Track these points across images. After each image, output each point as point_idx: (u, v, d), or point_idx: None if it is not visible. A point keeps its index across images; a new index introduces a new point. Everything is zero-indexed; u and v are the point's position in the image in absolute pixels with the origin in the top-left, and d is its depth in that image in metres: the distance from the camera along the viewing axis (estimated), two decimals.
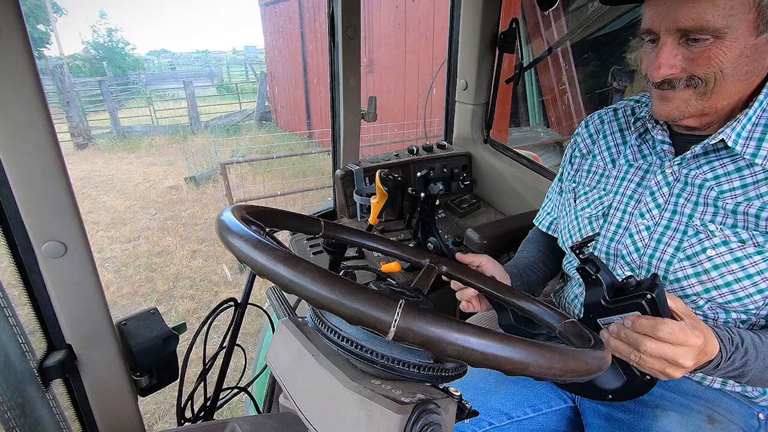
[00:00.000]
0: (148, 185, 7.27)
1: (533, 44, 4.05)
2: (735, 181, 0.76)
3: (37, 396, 0.75)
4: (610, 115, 0.99)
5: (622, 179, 0.90)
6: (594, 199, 0.94)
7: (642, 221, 0.85)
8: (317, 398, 0.46)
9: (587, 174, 0.99)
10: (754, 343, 0.69)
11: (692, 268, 0.78)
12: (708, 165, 0.79)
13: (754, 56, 0.67)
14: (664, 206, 0.83)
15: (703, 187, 0.79)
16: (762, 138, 0.74)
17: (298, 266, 0.35)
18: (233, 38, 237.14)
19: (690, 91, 0.71)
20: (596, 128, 1.01)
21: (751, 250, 0.73)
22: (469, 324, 0.34)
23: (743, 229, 0.74)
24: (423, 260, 0.76)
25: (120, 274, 4.46)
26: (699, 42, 0.66)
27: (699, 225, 0.78)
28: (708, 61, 0.67)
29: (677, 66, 0.70)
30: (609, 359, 0.45)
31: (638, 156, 0.89)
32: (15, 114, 0.62)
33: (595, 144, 1.00)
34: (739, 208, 0.74)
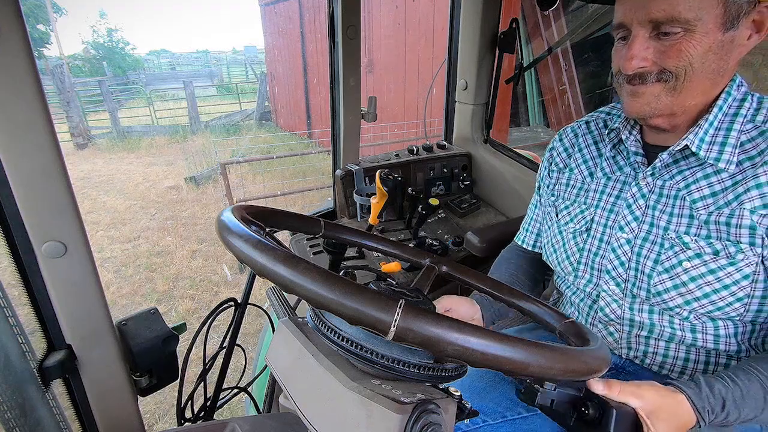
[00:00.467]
0: (148, 185, 7.27)
1: (533, 44, 4.05)
2: (704, 189, 0.76)
3: (37, 396, 0.75)
4: (583, 128, 0.99)
5: (602, 192, 0.90)
6: (576, 214, 0.94)
7: (622, 235, 0.85)
8: (317, 398, 0.46)
9: (566, 188, 0.98)
10: (735, 401, 0.66)
11: (671, 281, 0.78)
12: (680, 174, 0.79)
13: (721, 53, 0.69)
14: (642, 218, 0.83)
15: (678, 198, 0.79)
16: (724, 142, 0.74)
17: (298, 266, 0.35)
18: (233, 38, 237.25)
19: (660, 86, 0.72)
20: (570, 141, 1.01)
21: (724, 261, 0.73)
22: (469, 324, 0.34)
23: (717, 239, 0.74)
24: (423, 260, 0.76)
25: (120, 274, 4.46)
26: (670, 35, 0.68)
27: (674, 237, 0.78)
28: (679, 54, 0.68)
29: (648, 59, 0.71)
30: (609, 359, 0.45)
31: (614, 168, 0.90)
32: (15, 114, 0.62)
33: (570, 157, 1.00)
34: (711, 217, 0.74)
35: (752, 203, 0.71)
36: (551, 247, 0.99)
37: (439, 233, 1.61)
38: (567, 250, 0.94)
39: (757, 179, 0.71)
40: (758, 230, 0.70)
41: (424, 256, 0.77)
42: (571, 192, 0.97)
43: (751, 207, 0.71)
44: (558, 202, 0.99)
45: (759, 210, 0.70)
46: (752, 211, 0.70)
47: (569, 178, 0.98)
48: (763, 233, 0.70)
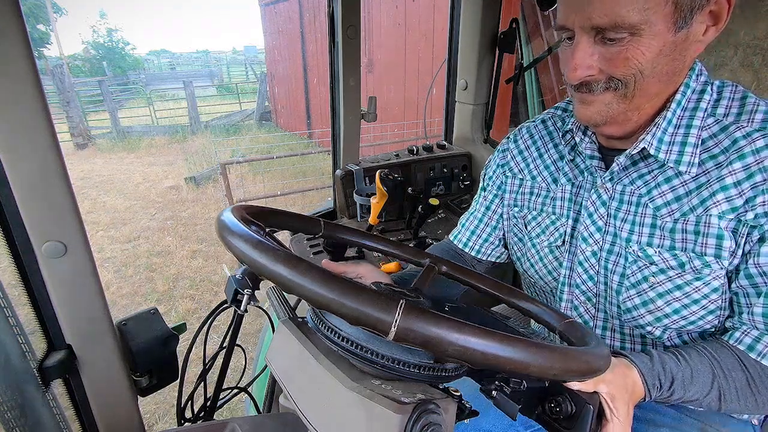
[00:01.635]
0: (148, 185, 7.27)
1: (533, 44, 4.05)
2: (668, 193, 0.70)
3: (37, 396, 0.75)
4: (539, 128, 0.91)
5: (569, 201, 0.83)
6: (547, 225, 0.86)
7: (587, 247, 0.79)
8: (317, 398, 0.46)
9: (530, 196, 0.90)
10: (683, 380, 0.64)
11: (638, 297, 0.74)
12: (641, 179, 0.73)
13: (674, 54, 0.62)
14: (605, 228, 0.77)
15: (640, 205, 0.73)
16: (684, 141, 0.68)
17: (298, 267, 0.35)
18: (233, 38, 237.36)
19: (610, 94, 0.66)
20: (526, 143, 0.92)
21: (690, 276, 0.68)
22: (470, 324, 0.34)
23: (681, 250, 0.69)
24: (422, 260, 0.76)
25: (120, 274, 4.46)
26: (615, 41, 0.61)
27: (637, 250, 0.73)
28: (626, 62, 0.61)
29: (594, 66, 0.64)
30: (610, 359, 0.45)
31: (576, 172, 0.82)
32: (15, 114, 0.62)
33: (527, 163, 0.91)
34: (678, 225, 0.69)
35: (719, 208, 0.65)
36: (527, 261, 0.92)
37: (439, 233, 1.61)
38: (547, 265, 0.87)
39: (723, 181, 0.65)
40: (725, 241, 0.65)
41: (423, 256, 0.77)
42: (536, 201, 0.88)
43: (718, 212, 0.65)
44: (524, 212, 0.91)
45: (727, 215, 0.65)
46: (720, 217, 0.65)
47: (533, 186, 0.89)
48: (730, 244, 0.65)
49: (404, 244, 0.80)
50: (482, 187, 1.02)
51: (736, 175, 0.64)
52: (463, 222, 1.04)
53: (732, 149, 0.65)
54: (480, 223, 1.00)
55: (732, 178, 0.64)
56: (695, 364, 0.65)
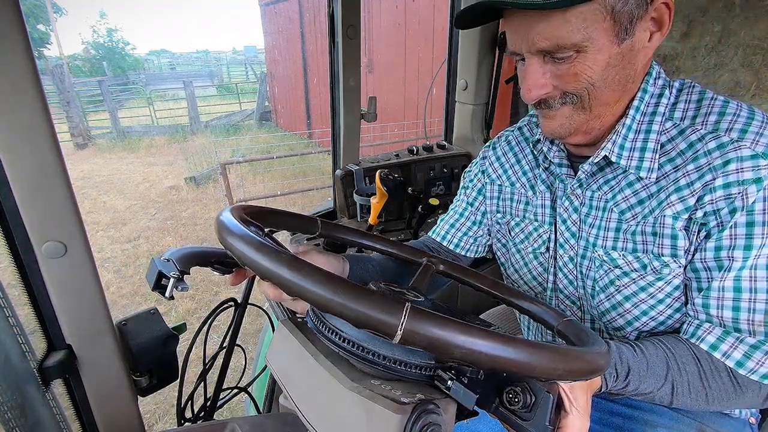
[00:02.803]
0: (148, 185, 7.27)
1: None
2: (631, 198, 0.71)
3: (37, 396, 0.75)
4: (516, 135, 0.93)
5: (550, 208, 0.84)
6: (530, 231, 0.87)
7: (564, 253, 0.81)
8: (317, 399, 0.46)
9: (511, 203, 0.91)
10: (639, 372, 0.64)
11: (608, 301, 0.76)
12: (606, 184, 0.74)
13: (623, 64, 0.63)
14: (578, 234, 0.79)
15: (606, 210, 0.74)
16: (643, 147, 0.69)
17: (301, 269, 0.35)
18: (233, 38, 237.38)
19: (568, 108, 0.67)
20: (503, 150, 0.93)
21: (651, 277, 0.70)
22: (475, 326, 0.34)
23: (642, 252, 0.70)
24: (420, 259, 0.76)
25: (120, 274, 4.46)
26: (563, 60, 0.62)
27: (602, 254, 0.75)
28: (576, 77, 0.63)
29: (548, 84, 0.66)
30: (611, 357, 0.46)
31: (552, 179, 0.84)
32: (15, 114, 0.62)
33: (505, 169, 0.92)
34: (638, 227, 0.70)
35: (673, 209, 0.66)
36: (511, 267, 0.94)
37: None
38: (532, 271, 0.89)
39: (677, 182, 0.66)
40: (679, 240, 0.66)
41: (421, 255, 0.77)
42: (518, 208, 0.90)
43: (672, 213, 0.66)
44: (507, 218, 0.92)
45: (681, 215, 0.66)
46: (674, 218, 0.66)
47: (512, 192, 0.91)
48: (685, 243, 0.66)
49: (401, 242, 0.80)
50: (463, 186, 1.03)
51: (690, 176, 0.65)
52: (443, 218, 1.05)
53: (688, 152, 0.66)
54: (460, 218, 1.00)
55: (686, 179, 0.65)
56: (651, 356, 0.66)
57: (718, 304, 0.65)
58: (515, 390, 0.43)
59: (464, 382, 0.42)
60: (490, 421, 0.90)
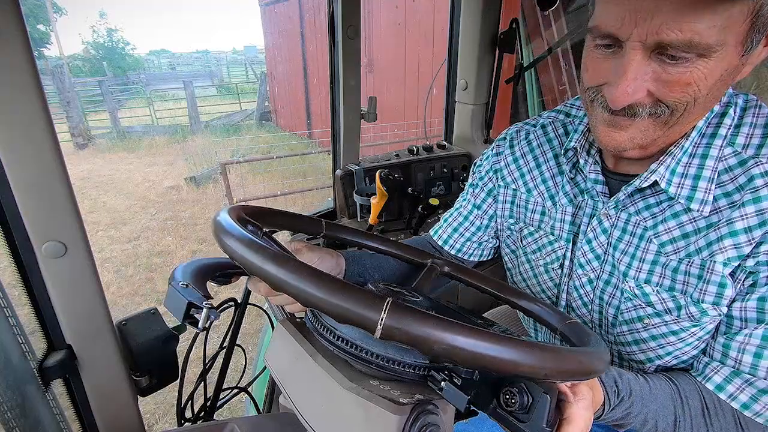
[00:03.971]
0: (148, 185, 7.27)
1: (533, 44, 4.05)
2: (675, 230, 0.63)
3: (37, 396, 0.75)
4: (539, 134, 0.82)
5: (570, 223, 0.76)
6: (544, 244, 0.81)
7: (583, 273, 0.74)
8: (315, 399, 0.46)
9: (526, 211, 0.84)
10: (642, 395, 0.61)
11: (630, 335, 0.71)
12: (647, 210, 0.66)
13: (731, 79, 0.54)
14: (604, 257, 0.71)
15: (644, 239, 0.66)
16: (698, 175, 0.61)
17: (286, 264, 0.35)
18: (233, 38, 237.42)
19: (650, 120, 0.56)
20: (522, 151, 0.84)
21: (687, 323, 0.64)
22: (457, 322, 0.34)
23: (681, 293, 0.63)
24: (424, 261, 0.76)
25: (120, 274, 4.46)
26: (678, 61, 0.50)
27: (633, 286, 0.68)
28: (686, 87, 0.52)
29: (644, 88, 0.53)
30: (608, 360, 0.45)
31: (576, 191, 0.75)
32: (15, 114, 0.62)
33: (522, 173, 0.83)
34: (681, 266, 0.63)
35: (724, 254, 0.58)
36: (519, 275, 0.88)
37: None
38: (542, 284, 0.84)
39: (732, 225, 0.58)
40: (727, 289, 0.59)
41: (425, 257, 0.77)
42: (533, 217, 0.82)
43: (723, 259, 0.59)
44: (520, 225, 0.85)
45: (732, 262, 0.58)
46: (725, 264, 0.59)
47: (527, 199, 0.83)
48: (732, 292, 0.59)
49: (406, 244, 0.80)
50: (472, 183, 0.95)
51: (748, 219, 0.57)
52: (446, 218, 0.98)
53: (747, 188, 0.57)
54: (465, 221, 0.94)
55: (743, 223, 0.57)
56: (654, 384, 0.63)
57: (740, 347, 0.61)
58: (512, 391, 0.42)
59: (457, 383, 0.41)
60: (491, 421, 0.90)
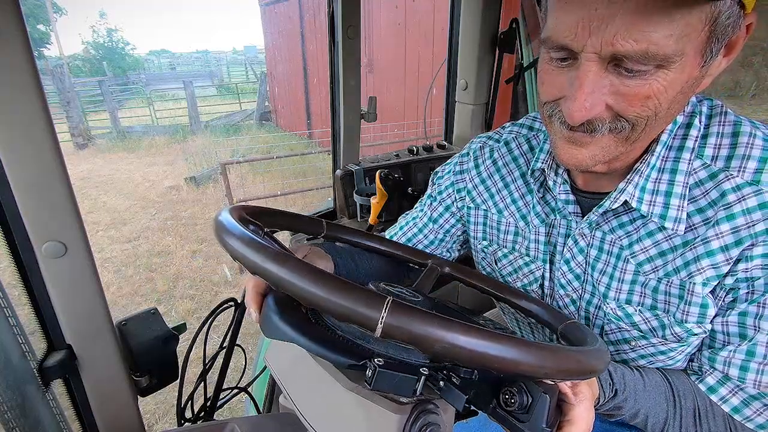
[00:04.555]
0: (148, 185, 7.27)
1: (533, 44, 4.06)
2: (651, 249, 0.61)
3: (37, 396, 0.75)
4: (503, 152, 0.79)
5: (544, 244, 0.73)
6: (520, 266, 0.78)
7: (565, 293, 0.72)
8: (316, 399, 0.46)
9: (499, 233, 0.80)
10: (635, 389, 0.61)
11: (618, 355, 0.69)
12: (622, 228, 0.63)
13: (690, 91, 0.51)
14: (584, 278, 0.69)
15: (621, 258, 0.64)
16: (669, 191, 0.58)
17: (287, 263, 0.35)
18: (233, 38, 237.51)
19: (611, 137, 0.53)
20: (489, 171, 0.80)
21: (674, 344, 0.63)
22: (458, 321, 0.34)
23: (663, 312, 0.62)
24: (425, 261, 0.76)
25: (120, 274, 4.46)
26: (635, 74, 0.47)
27: (615, 308, 0.66)
28: (645, 101, 0.48)
29: (602, 102, 0.50)
30: (607, 360, 0.45)
31: (548, 209, 0.72)
32: (15, 114, 0.62)
33: (491, 193, 0.80)
34: (661, 285, 0.61)
35: (703, 275, 0.57)
36: None
37: None
38: None
39: (708, 244, 0.56)
40: (709, 309, 0.58)
41: (426, 257, 0.77)
42: (506, 238, 0.79)
43: (702, 280, 0.57)
44: (494, 247, 0.82)
45: (711, 281, 0.57)
46: (704, 284, 0.57)
47: (499, 220, 0.79)
48: (713, 311, 0.59)
49: (406, 245, 0.80)
50: (430, 195, 0.91)
51: (724, 238, 0.55)
52: (402, 225, 0.94)
53: (720, 204, 0.55)
54: (419, 233, 0.91)
55: (719, 242, 0.55)
56: (649, 379, 0.63)
57: (725, 361, 0.61)
58: (511, 391, 0.42)
59: (456, 383, 0.41)
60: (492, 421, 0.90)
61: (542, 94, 0.57)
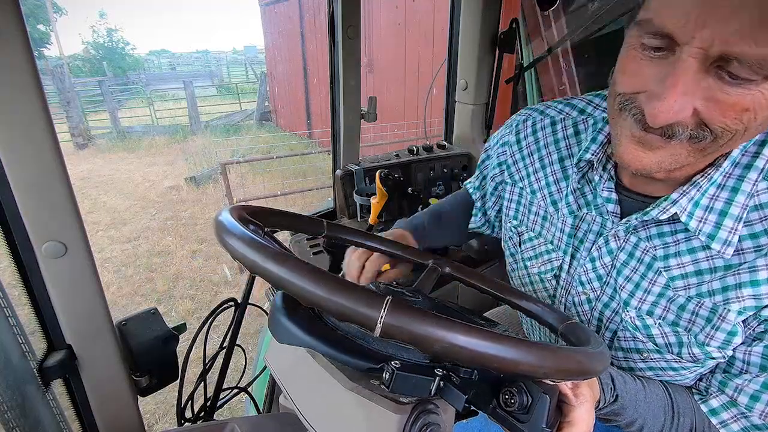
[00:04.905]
0: (148, 185, 7.27)
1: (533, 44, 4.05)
2: (688, 266, 0.57)
3: (37, 396, 0.75)
4: (547, 132, 0.74)
5: (569, 236, 0.70)
6: (540, 252, 0.76)
7: (582, 291, 0.69)
8: (316, 399, 0.46)
9: (529, 214, 0.78)
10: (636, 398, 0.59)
11: (626, 362, 0.67)
12: (659, 238, 0.59)
13: None
14: (606, 279, 0.66)
15: (651, 269, 0.60)
16: (724, 211, 0.53)
17: (287, 262, 0.35)
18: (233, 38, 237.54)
19: (686, 145, 0.47)
20: (530, 148, 0.76)
21: (689, 363, 0.60)
22: (457, 321, 0.34)
23: (685, 330, 0.58)
24: (426, 261, 0.76)
25: (120, 274, 4.46)
26: (741, 83, 0.41)
27: (634, 317, 0.62)
28: (741, 113, 0.42)
29: (690, 106, 0.44)
30: (607, 361, 0.45)
31: (582, 203, 0.68)
32: (15, 114, 0.62)
33: (528, 172, 0.76)
34: (690, 305, 0.57)
35: (741, 303, 0.53)
36: (518, 279, 0.84)
37: None
38: (537, 292, 0.80)
39: (755, 273, 0.51)
40: (736, 337, 0.55)
41: (427, 257, 0.77)
42: (535, 221, 0.77)
43: (738, 308, 0.53)
44: (521, 227, 0.80)
45: (748, 311, 0.53)
46: (740, 312, 0.53)
47: (531, 201, 0.76)
48: (740, 338, 0.55)
49: (407, 245, 0.80)
50: (476, 186, 0.94)
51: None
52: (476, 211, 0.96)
53: None
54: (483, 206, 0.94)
55: (767, 273, 0.51)
56: (650, 390, 0.62)
57: (738, 388, 0.58)
58: (511, 391, 0.42)
59: (456, 383, 0.41)
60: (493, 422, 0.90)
61: (619, 83, 0.50)
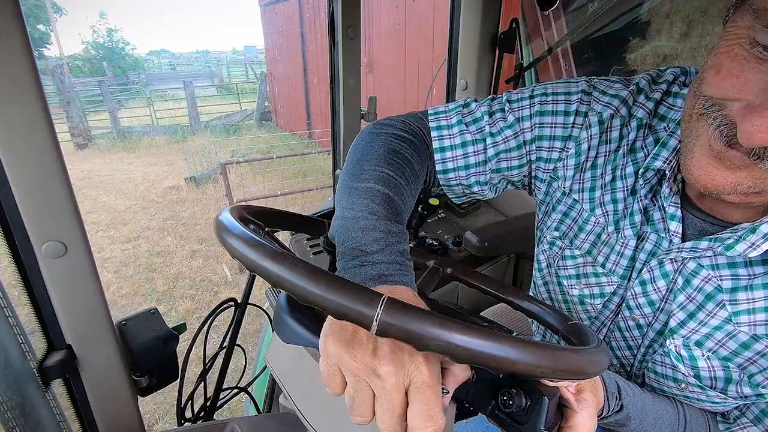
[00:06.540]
0: (148, 185, 7.26)
1: (533, 44, 4.05)
2: (759, 301, 0.50)
3: (37, 396, 0.75)
4: (631, 137, 0.60)
5: (629, 258, 0.60)
6: (586, 274, 0.65)
7: (630, 316, 0.62)
8: (316, 398, 0.46)
9: (580, 233, 0.66)
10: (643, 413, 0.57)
11: (657, 383, 0.63)
12: (731, 269, 0.51)
13: None
14: (659, 305, 0.59)
15: (713, 300, 0.53)
16: None
17: (284, 261, 0.36)
18: (233, 38, 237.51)
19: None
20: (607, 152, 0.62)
21: (732, 402, 0.55)
22: (453, 320, 0.34)
23: (738, 367, 0.52)
24: (428, 261, 0.76)
25: (120, 274, 4.46)
26: None
27: (680, 345, 0.56)
28: None
29: None
30: (606, 362, 0.45)
31: (643, 218, 0.59)
32: (15, 114, 0.62)
33: (593, 186, 0.63)
34: (755, 344, 0.50)
35: None
36: (547, 294, 0.75)
37: (439, 233, 1.61)
38: (572, 313, 0.72)
39: None
40: None
41: (428, 258, 0.77)
42: (586, 239, 0.65)
43: None
44: (564, 241, 0.68)
45: None
46: None
47: (586, 220, 0.64)
48: None
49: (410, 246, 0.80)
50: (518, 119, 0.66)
51: None
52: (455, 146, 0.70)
53: None
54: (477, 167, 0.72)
55: None
56: (659, 405, 0.59)
57: None
58: (510, 392, 0.41)
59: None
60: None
61: (709, 83, 0.42)
